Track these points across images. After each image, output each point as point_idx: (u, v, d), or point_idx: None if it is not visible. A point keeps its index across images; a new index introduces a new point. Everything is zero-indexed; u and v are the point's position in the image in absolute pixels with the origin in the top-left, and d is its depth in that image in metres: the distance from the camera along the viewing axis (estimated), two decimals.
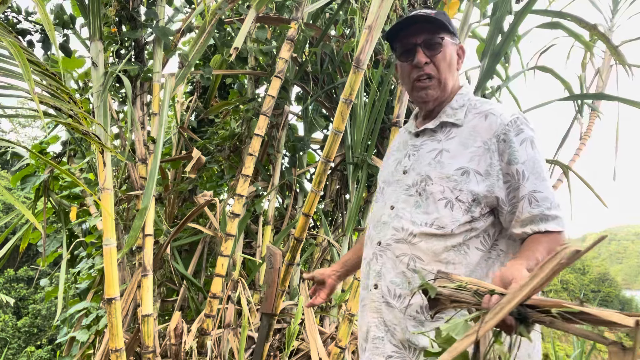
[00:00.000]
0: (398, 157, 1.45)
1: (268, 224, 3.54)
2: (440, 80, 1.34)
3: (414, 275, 1.27)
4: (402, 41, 1.37)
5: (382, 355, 1.30)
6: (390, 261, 1.31)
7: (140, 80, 2.97)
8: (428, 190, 1.28)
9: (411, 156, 1.38)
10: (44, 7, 1.41)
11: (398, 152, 1.47)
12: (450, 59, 1.35)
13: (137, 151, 2.92)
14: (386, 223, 1.35)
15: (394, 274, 1.30)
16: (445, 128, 1.35)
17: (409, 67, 1.36)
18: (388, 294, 1.31)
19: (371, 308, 1.35)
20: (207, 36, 2.92)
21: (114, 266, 2.32)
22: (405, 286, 1.28)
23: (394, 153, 1.50)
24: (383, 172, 1.51)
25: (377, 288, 1.33)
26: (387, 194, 1.41)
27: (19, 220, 3.94)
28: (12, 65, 1.43)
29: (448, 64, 1.35)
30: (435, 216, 1.26)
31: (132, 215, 3.16)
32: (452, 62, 1.36)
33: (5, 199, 1.26)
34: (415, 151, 1.38)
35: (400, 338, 1.28)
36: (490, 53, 3.05)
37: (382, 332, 1.31)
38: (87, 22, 2.55)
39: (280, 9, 3.59)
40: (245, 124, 3.58)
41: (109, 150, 2.06)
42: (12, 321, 14.84)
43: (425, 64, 1.33)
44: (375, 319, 1.33)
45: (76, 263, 3.80)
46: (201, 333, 2.78)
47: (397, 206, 1.34)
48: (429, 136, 1.38)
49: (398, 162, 1.42)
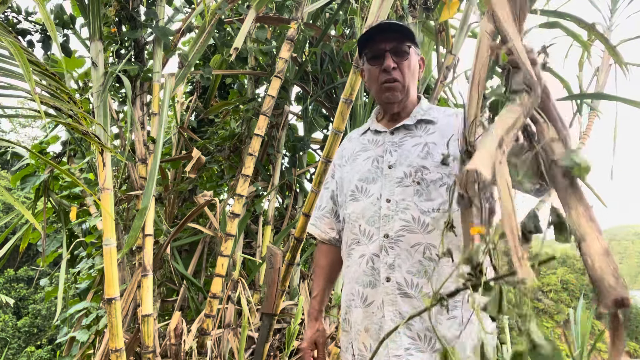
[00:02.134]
0: (371, 155, 1.51)
1: (268, 224, 3.54)
2: (404, 85, 1.47)
3: (430, 264, 1.32)
4: (372, 47, 1.49)
5: (400, 349, 1.31)
6: (405, 252, 1.34)
7: (140, 80, 2.97)
8: (427, 178, 1.36)
9: (393, 152, 1.46)
10: (45, 7, 1.41)
11: (367, 152, 1.53)
12: (414, 67, 1.49)
13: (137, 151, 2.92)
14: (388, 216, 1.38)
15: (409, 264, 1.33)
16: (422, 125, 1.48)
17: (377, 71, 1.48)
18: (405, 284, 1.33)
19: (386, 302, 1.36)
20: (207, 36, 2.92)
21: (114, 266, 2.32)
22: (422, 275, 1.32)
23: (360, 154, 1.55)
24: (355, 174, 1.52)
25: (389, 281, 1.35)
26: (374, 190, 1.45)
27: (19, 220, 3.94)
28: (12, 65, 1.43)
29: (412, 72, 1.48)
30: (439, 201, 1.34)
31: (132, 215, 3.16)
32: (415, 71, 1.49)
33: (5, 199, 1.26)
34: (397, 147, 1.46)
35: (417, 329, 1.30)
36: None
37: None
38: (87, 22, 2.55)
39: (280, 9, 3.59)
40: (245, 124, 3.58)
41: (109, 150, 2.06)
42: (12, 321, 14.84)
43: (393, 68, 1.45)
44: (390, 312, 1.35)
45: (76, 263, 3.80)
46: (201, 333, 2.78)
47: (394, 198, 1.39)
48: (406, 133, 1.48)
49: (375, 160, 1.49)
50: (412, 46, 1.47)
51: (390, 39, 1.45)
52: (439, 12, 2.92)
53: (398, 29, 1.45)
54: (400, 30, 1.45)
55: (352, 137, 1.66)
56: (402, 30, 1.45)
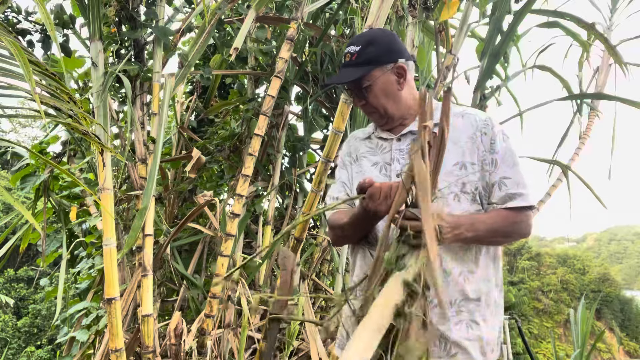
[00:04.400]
0: (378, 161, 1.49)
1: (268, 224, 3.54)
2: (380, 113, 1.46)
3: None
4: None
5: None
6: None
7: (140, 80, 2.97)
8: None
9: (400, 160, 1.44)
10: (45, 7, 1.41)
11: (375, 157, 1.51)
12: (385, 89, 1.43)
13: (137, 151, 2.92)
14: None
15: None
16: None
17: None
18: None
19: None
20: (207, 36, 2.92)
21: (114, 266, 2.32)
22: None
23: (366, 156, 1.52)
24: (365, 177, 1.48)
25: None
26: None
27: (19, 220, 3.94)
28: (12, 65, 1.43)
29: (384, 96, 1.44)
30: (446, 210, 1.32)
31: (132, 215, 3.16)
32: (387, 91, 1.44)
33: (5, 199, 1.27)
34: (404, 155, 1.44)
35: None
36: (489, 53, 3.05)
37: None
38: (87, 22, 2.55)
39: (280, 9, 3.59)
40: (245, 124, 3.58)
41: (109, 150, 2.06)
42: (12, 321, 14.84)
43: (362, 105, 1.48)
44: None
45: (76, 263, 3.80)
46: (201, 333, 2.78)
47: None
48: (413, 139, 1.43)
49: (383, 168, 1.47)
50: (373, 71, 1.41)
51: (347, 76, 1.43)
52: (438, 12, 2.92)
53: (353, 63, 1.42)
54: (355, 64, 1.42)
55: (357, 136, 1.63)
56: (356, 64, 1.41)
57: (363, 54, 1.42)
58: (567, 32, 3.79)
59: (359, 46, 1.43)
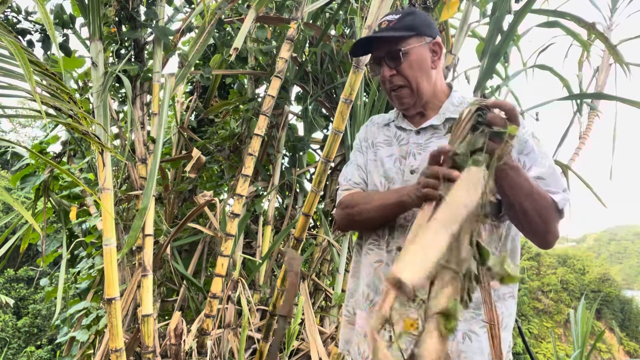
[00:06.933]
0: (394, 153, 1.39)
1: (268, 224, 3.54)
2: (412, 88, 1.34)
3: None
4: (372, 55, 1.39)
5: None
6: None
7: (140, 80, 2.97)
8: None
9: (417, 155, 1.33)
10: (44, 6, 1.41)
11: (391, 147, 1.41)
12: (420, 62, 1.33)
13: (137, 151, 2.92)
14: (404, 227, 1.30)
15: None
16: (450, 124, 1.32)
17: (381, 79, 1.37)
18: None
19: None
20: (207, 36, 2.92)
21: (114, 266, 2.31)
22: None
23: (383, 147, 1.43)
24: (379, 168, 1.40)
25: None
26: None
27: (19, 221, 3.94)
28: (12, 65, 1.42)
29: (418, 68, 1.33)
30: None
31: (132, 215, 3.16)
32: (422, 65, 1.33)
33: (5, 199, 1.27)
34: (422, 150, 1.34)
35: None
36: (489, 52, 3.05)
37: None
38: (87, 22, 2.55)
39: (280, 9, 3.59)
40: (245, 124, 3.58)
41: (109, 150, 2.06)
42: (12, 321, 14.84)
43: (392, 76, 1.34)
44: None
45: (76, 263, 3.80)
46: (201, 333, 2.78)
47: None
48: (433, 134, 1.34)
49: (398, 160, 1.37)
50: (411, 38, 1.32)
51: (383, 42, 1.34)
52: (439, 12, 2.92)
53: (391, 28, 1.33)
54: (394, 29, 1.32)
55: (376, 121, 1.52)
56: (395, 28, 1.32)
57: (402, 21, 1.32)
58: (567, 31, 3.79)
59: (398, 15, 1.34)
